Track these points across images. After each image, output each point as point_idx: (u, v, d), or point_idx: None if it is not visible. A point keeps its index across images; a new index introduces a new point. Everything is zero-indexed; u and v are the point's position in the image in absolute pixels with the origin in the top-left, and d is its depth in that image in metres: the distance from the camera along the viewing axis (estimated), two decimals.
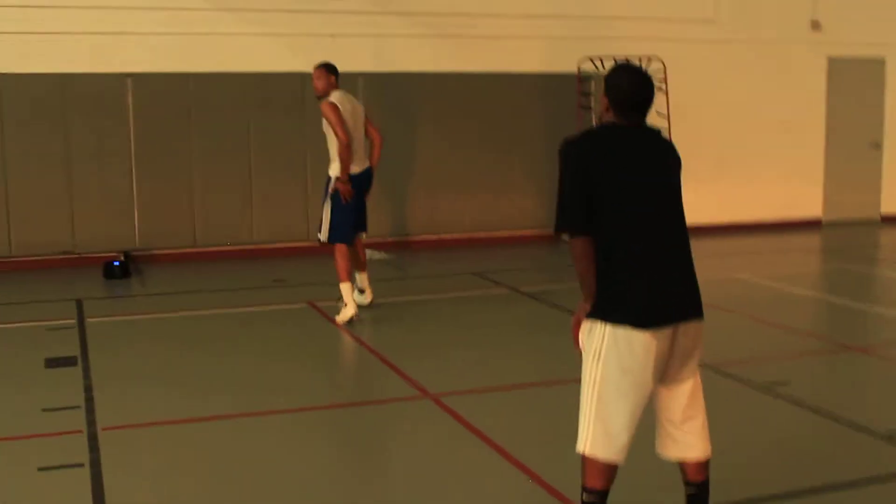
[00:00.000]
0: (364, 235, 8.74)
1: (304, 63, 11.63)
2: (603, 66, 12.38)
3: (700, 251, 12.57)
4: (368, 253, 10.35)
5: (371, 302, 8.73)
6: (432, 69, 12.36)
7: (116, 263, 10.53)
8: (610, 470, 3.73)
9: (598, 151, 3.69)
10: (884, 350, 7.51)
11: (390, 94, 12.16)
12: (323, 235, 8.33)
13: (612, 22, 13.05)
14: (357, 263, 8.64)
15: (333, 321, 8.27)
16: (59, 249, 11.14)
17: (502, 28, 12.63)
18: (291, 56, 11.76)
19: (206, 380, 6.70)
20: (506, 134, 12.77)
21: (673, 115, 12.35)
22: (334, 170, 8.23)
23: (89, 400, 6.15)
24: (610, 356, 3.61)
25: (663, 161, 3.79)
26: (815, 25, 14.30)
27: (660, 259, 3.66)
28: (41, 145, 10.99)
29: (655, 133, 3.84)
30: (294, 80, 11.69)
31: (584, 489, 3.77)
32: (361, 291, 8.76)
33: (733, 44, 13.86)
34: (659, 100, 12.01)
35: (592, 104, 12.67)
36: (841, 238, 13.72)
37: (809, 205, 14.72)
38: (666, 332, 3.63)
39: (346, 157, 8.07)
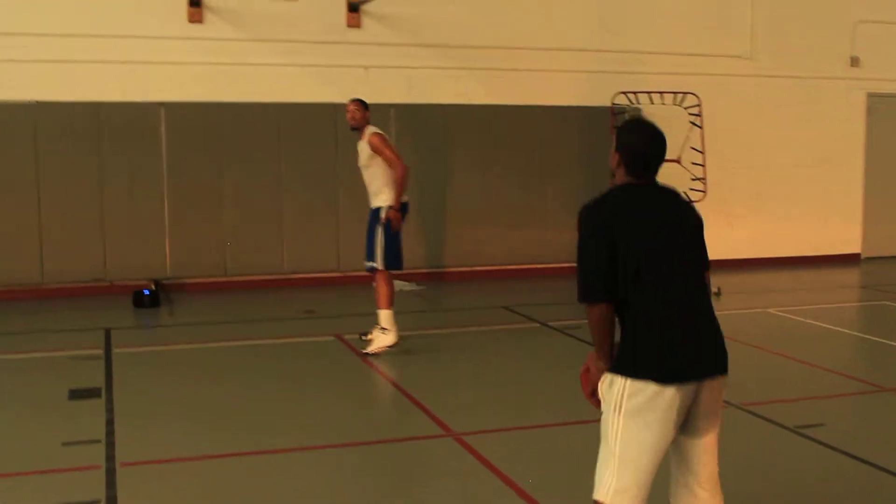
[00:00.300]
0: None
1: (337, 94, 11.70)
2: (637, 101, 12.31)
3: (734, 286, 12.46)
4: (398, 284, 10.32)
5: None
6: (464, 101, 12.35)
7: (146, 292, 10.55)
8: None
9: (616, 215, 3.60)
10: None
11: (421, 125, 12.15)
12: (379, 263, 8.35)
13: (648, 57, 13.01)
14: None
15: (360, 354, 8.21)
16: (91, 277, 11.19)
17: (536, 62, 12.61)
18: (324, 87, 11.79)
19: (229, 416, 6.64)
20: (538, 166, 12.72)
21: (709, 150, 12.23)
22: (383, 199, 8.30)
23: (110, 434, 6.10)
24: (632, 410, 3.52)
25: (685, 221, 3.72)
26: (855, 62, 14.15)
27: (684, 317, 3.59)
28: (75, 173, 11.07)
29: (672, 193, 3.79)
30: (327, 110, 11.71)
31: None
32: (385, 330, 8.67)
33: (770, 79, 13.76)
34: (694, 135, 11.92)
35: None
36: (879, 274, 13.50)
37: (848, 240, 14.54)
38: (690, 388, 3.55)
39: (403, 185, 8.20)
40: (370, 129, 8.34)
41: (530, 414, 6.69)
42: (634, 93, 12.33)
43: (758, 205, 13.86)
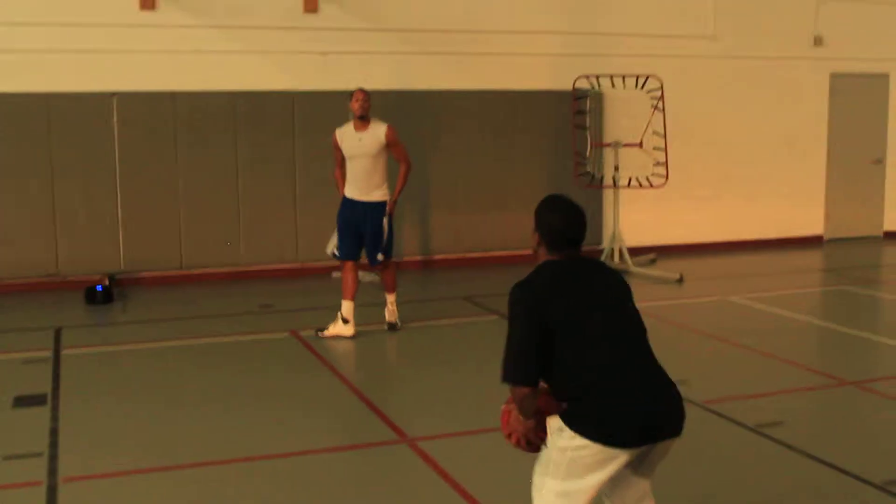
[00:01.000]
0: None
1: (294, 81, 11.51)
2: (598, 84, 12.18)
3: (697, 271, 12.46)
4: (365, 276, 10.27)
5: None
6: (425, 87, 12.15)
7: (99, 288, 10.32)
8: None
9: (545, 294, 3.59)
10: (884, 386, 7.24)
11: (381, 112, 11.92)
12: (390, 255, 8.76)
13: (610, 39, 12.87)
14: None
15: (316, 353, 8.07)
16: (43, 273, 10.94)
17: (498, 45, 12.43)
18: (281, 74, 11.57)
19: (180, 423, 6.46)
20: (502, 151, 12.57)
21: (673, 132, 12.12)
22: (384, 193, 8.61)
23: (53, 445, 5.93)
24: (576, 459, 3.48)
25: (613, 292, 3.72)
26: (818, 41, 14.07)
27: (632, 382, 3.52)
28: (25, 166, 10.79)
29: (597, 264, 3.85)
30: (284, 98, 11.50)
31: None
32: (346, 321, 8.64)
33: (734, 60, 13.66)
34: (656, 119, 11.81)
35: (588, 123, 12.46)
36: (842, 257, 13.49)
37: (811, 222, 14.53)
38: (638, 448, 3.51)
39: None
40: (380, 121, 8.53)
41: (488, 416, 6.57)
42: (596, 76, 12.19)
43: (722, 187, 13.79)
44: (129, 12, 10.96)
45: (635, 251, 12.50)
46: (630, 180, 12.12)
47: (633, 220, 12.85)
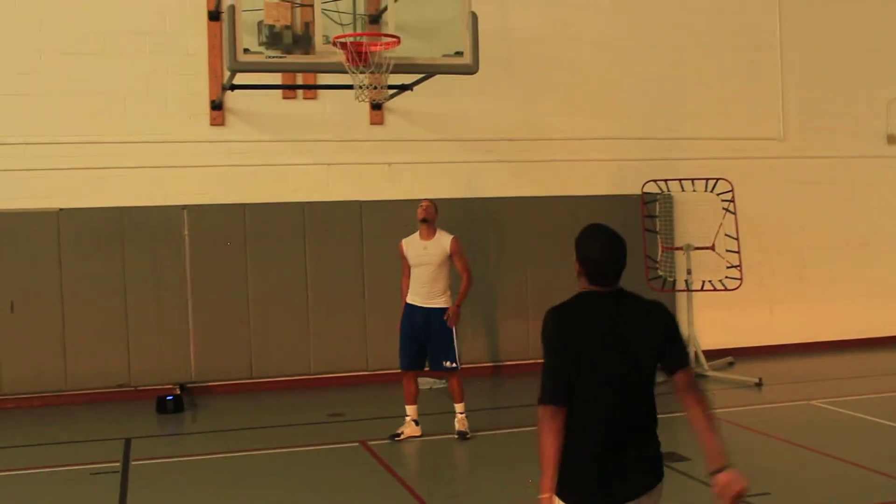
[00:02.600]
0: None
1: (361, 191, 11.63)
2: (668, 189, 12.09)
3: (776, 375, 12.06)
4: (427, 382, 10.32)
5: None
6: (491, 194, 12.18)
7: (170, 398, 10.34)
8: None
9: (573, 324, 3.67)
10: None
11: (449, 221, 11.95)
12: (456, 362, 8.71)
13: (677, 143, 12.85)
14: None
15: (385, 464, 7.91)
16: (114, 383, 11.01)
17: (562, 152, 12.49)
18: (349, 185, 11.70)
19: None
20: (569, 257, 12.44)
21: (745, 234, 11.93)
22: (446, 300, 8.70)
23: None
24: None
25: (644, 331, 3.68)
26: (892, 140, 13.86)
27: (615, 442, 3.61)
28: (98, 278, 10.98)
29: (638, 300, 3.77)
30: (353, 208, 11.60)
31: None
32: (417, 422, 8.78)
33: (804, 160, 13.53)
34: (727, 221, 11.64)
35: (658, 226, 12.35)
36: None
37: (892, 321, 14.06)
38: None
39: None
40: (446, 232, 8.76)
41: None
42: (665, 180, 12.11)
43: (799, 288, 13.49)
44: (200, 129, 11.27)
45: (711, 354, 12.20)
46: (703, 283, 11.90)
47: (708, 323, 12.57)
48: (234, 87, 10.25)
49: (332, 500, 7.13)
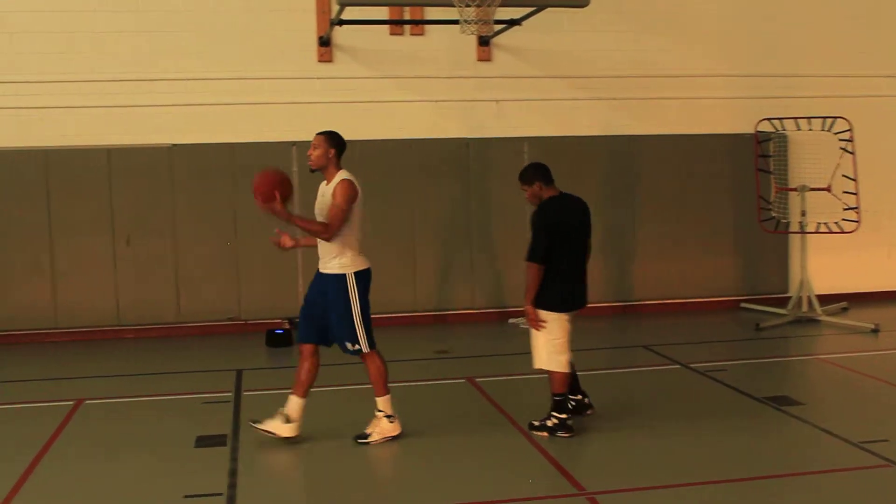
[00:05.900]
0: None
1: (468, 129, 11.58)
2: (783, 127, 11.72)
3: (894, 320, 11.56)
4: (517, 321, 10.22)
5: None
6: (600, 132, 11.98)
7: (279, 332, 10.51)
8: (567, 376, 7.00)
9: (556, 213, 6.89)
10: None
11: (557, 158, 11.79)
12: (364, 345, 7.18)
13: (793, 80, 12.40)
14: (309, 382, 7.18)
15: (494, 402, 7.90)
16: (225, 317, 11.24)
17: (674, 90, 12.19)
18: (455, 122, 11.67)
19: (345, 469, 6.42)
20: (681, 198, 12.22)
21: (863, 175, 11.48)
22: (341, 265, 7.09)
23: (232, 486, 5.97)
24: (556, 326, 6.90)
25: (583, 215, 7.07)
26: None
27: (576, 274, 6.99)
28: (209, 213, 11.18)
29: (576, 198, 7.08)
30: (460, 145, 11.63)
31: (554, 395, 6.99)
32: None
33: None
34: (845, 162, 11.23)
35: (771, 166, 12.00)
36: None
37: None
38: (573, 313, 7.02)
39: None
40: (342, 173, 7.08)
41: (666, 473, 6.26)
42: (780, 119, 11.73)
43: None
44: (308, 65, 11.33)
45: (825, 299, 11.85)
46: (818, 226, 11.53)
47: (823, 266, 12.20)
48: (342, 23, 10.22)
49: (444, 429, 7.17)
